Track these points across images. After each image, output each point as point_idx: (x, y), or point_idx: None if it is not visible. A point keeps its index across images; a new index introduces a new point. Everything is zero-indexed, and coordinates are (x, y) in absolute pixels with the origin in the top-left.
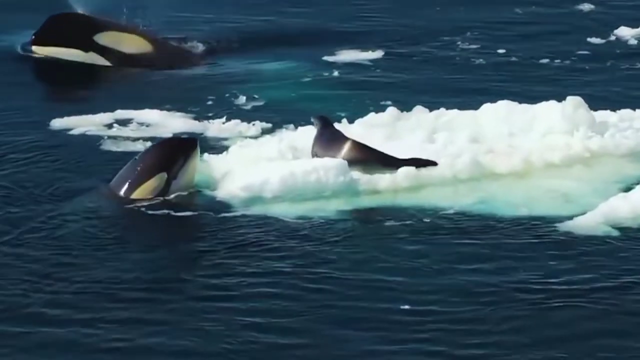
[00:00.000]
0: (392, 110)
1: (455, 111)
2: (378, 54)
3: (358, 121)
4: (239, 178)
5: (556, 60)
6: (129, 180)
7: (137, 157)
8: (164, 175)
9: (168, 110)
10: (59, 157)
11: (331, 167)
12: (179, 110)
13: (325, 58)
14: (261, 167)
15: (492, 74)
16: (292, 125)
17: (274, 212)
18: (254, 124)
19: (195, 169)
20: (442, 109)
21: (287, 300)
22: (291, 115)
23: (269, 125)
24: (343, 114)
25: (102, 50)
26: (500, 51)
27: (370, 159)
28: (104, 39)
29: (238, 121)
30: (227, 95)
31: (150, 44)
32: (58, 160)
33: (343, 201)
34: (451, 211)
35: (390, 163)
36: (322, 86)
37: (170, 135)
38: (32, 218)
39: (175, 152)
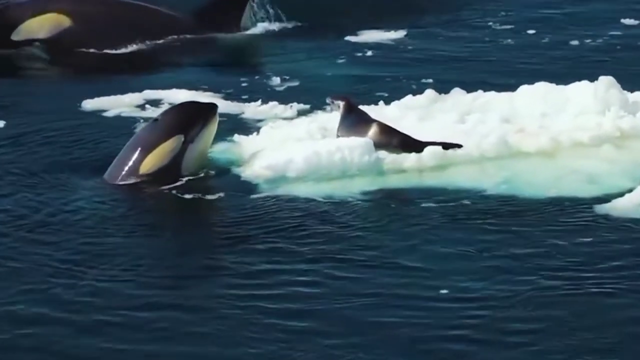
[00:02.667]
0: (429, 93)
1: (492, 93)
2: (400, 33)
3: (395, 103)
4: (264, 158)
5: (587, 40)
6: (146, 142)
7: (156, 118)
8: (181, 137)
9: (196, 90)
10: (92, 139)
11: (356, 146)
12: (207, 91)
13: (349, 38)
14: (286, 146)
15: (523, 55)
16: (329, 107)
17: (298, 192)
18: (291, 106)
19: (212, 135)
20: (480, 91)
21: (315, 286)
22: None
23: (307, 106)
24: (381, 95)
25: (26, 45)
26: (530, 32)
27: (396, 142)
28: (21, 34)
29: (275, 103)
30: (257, 77)
31: (67, 16)
32: (93, 142)
33: (368, 181)
34: (477, 192)
35: (416, 146)
36: (358, 67)
37: None
38: (63, 201)
39: (194, 115)
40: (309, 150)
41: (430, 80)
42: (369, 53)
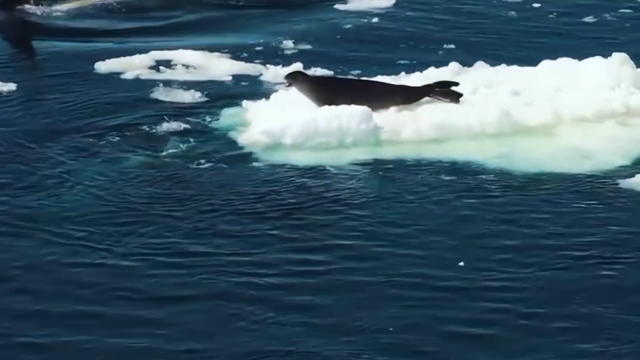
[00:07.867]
0: (453, 65)
1: (514, 67)
2: (389, 2)
3: (417, 74)
4: (262, 123)
5: (589, 17)
6: None
7: None
8: None
9: (202, 50)
10: (109, 101)
11: (354, 114)
12: (213, 51)
13: (338, 6)
14: (285, 112)
15: (539, 30)
16: (359, 72)
17: (293, 159)
18: (315, 71)
19: None
20: (503, 65)
21: (317, 267)
22: (349, 62)
23: (330, 72)
24: (402, 63)
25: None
26: (536, 5)
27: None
28: None
29: (292, 67)
30: (262, 40)
31: None
32: (109, 105)
33: (365, 150)
34: (474, 165)
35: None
36: (366, 33)
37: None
38: (77, 167)
39: None
40: (307, 117)
41: (452, 46)
42: (375, 20)
